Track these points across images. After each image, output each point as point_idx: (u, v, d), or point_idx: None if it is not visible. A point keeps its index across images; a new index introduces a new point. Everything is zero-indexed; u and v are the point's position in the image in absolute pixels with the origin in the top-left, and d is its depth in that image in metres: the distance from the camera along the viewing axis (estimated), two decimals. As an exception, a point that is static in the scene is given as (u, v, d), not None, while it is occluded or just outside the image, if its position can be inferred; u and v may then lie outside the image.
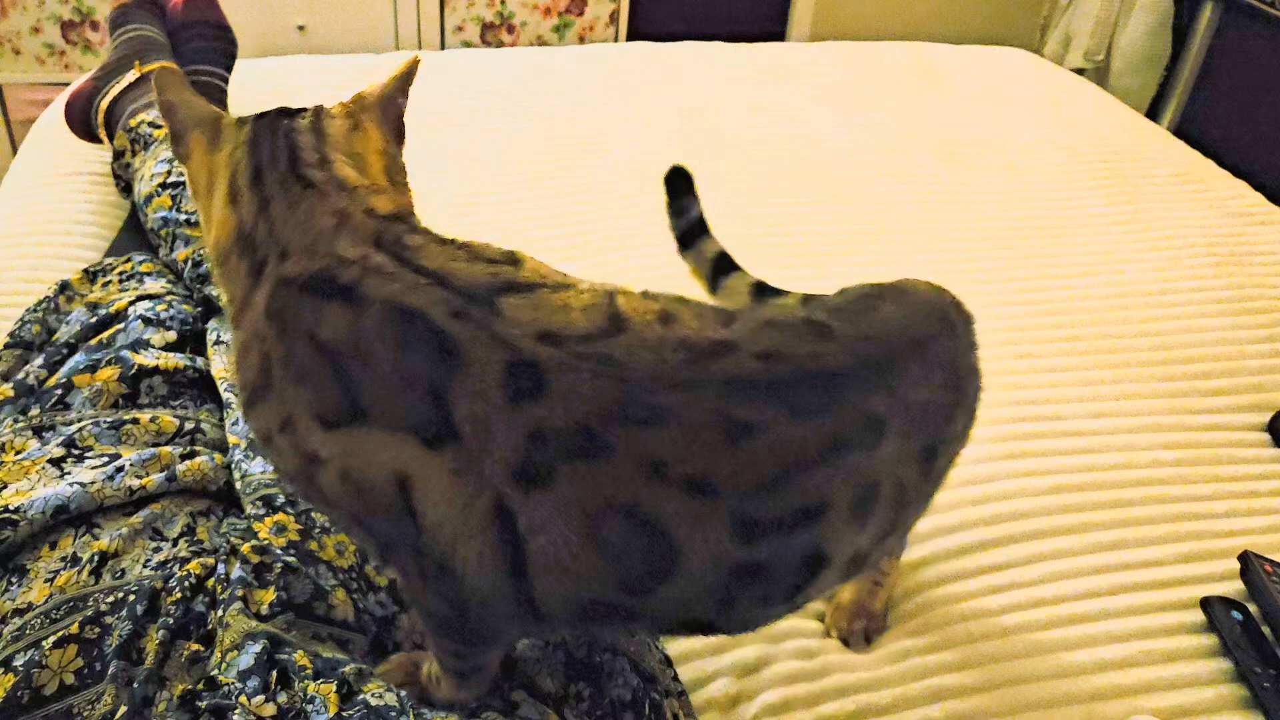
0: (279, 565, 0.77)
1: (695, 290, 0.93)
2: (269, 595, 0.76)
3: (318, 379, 0.61)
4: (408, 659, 0.77)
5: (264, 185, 0.68)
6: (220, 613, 0.74)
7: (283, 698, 0.67)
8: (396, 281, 0.61)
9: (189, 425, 0.93)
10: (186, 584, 0.76)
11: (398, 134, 0.76)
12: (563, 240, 1.47)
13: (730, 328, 0.62)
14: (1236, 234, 1.61)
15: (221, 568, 0.77)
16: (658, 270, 1.41)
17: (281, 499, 0.84)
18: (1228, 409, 1.23)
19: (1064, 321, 1.37)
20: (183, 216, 1.20)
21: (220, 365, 1.01)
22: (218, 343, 1.04)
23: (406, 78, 0.76)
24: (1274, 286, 1.47)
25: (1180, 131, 2.58)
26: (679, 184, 0.97)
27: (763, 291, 0.93)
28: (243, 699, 0.66)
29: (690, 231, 0.97)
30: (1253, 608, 0.95)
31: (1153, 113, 2.80)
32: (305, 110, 0.73)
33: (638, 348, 0.59)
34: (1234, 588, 0.98)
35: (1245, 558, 0.99)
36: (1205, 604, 0.95)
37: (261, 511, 0.83)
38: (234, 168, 0.70)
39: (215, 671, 0.70)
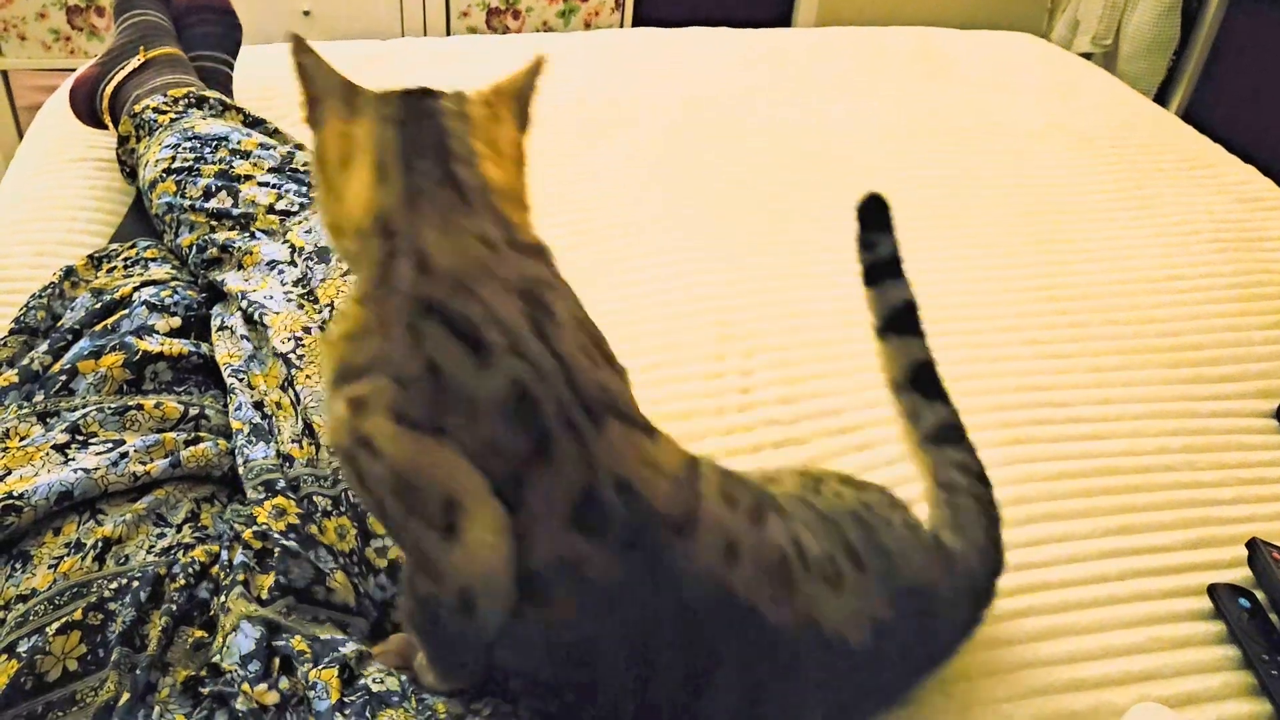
0: (278, 549, 0.77)
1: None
2: (269, 580, 0.76)
3: (420, 394, 0.62)
4: (405, 640, 0.77)
5: (414, 174, 0.67)
6: (223, 598, 0.74)
7: (285, 684, 0.67)
8: (529, 360, 0.63)
9: (193, 411, 0.93)
10: (190, 570, 0.76)
11: (525, 123, 0.79)
12: (566, 227, 1.46)
13: (779, 606, 0.66)
14: (1245, 220, 1.60)
15: (225, 554, 0.77)
16: (660, 257, 1.41)
17: (282, 483, 0.84)
18: (1235, 395, 1.23)
19: (1071, 308, 1.36)
20: (187, 202, 1.19)
21: (224, 351, 1.00)
22: (221, 328, 1.04)
23: (534, 70, 0.78)
24: (1283, 273, 1.46)
25: (1189, 117, 2.56)
26: (873, 215, 0.87)
27: (918, 379, 0.87)
28: (245, 686, 0.66)
29: (876, 269, 0.88)
30: (1260, 595, 0.95)
31: (1161, 98, 2.78)
32: (447, 94, 0.73)
33: (688, 568, 0.64)
34: (1241, 575, 0.98)
35: (1253, 545, 0.98)
36: (1212, 591, 0.95)
37: (262, 496, 0.83)
38: (381, 145, 0.69)
39: (217, 658, 0.70)
